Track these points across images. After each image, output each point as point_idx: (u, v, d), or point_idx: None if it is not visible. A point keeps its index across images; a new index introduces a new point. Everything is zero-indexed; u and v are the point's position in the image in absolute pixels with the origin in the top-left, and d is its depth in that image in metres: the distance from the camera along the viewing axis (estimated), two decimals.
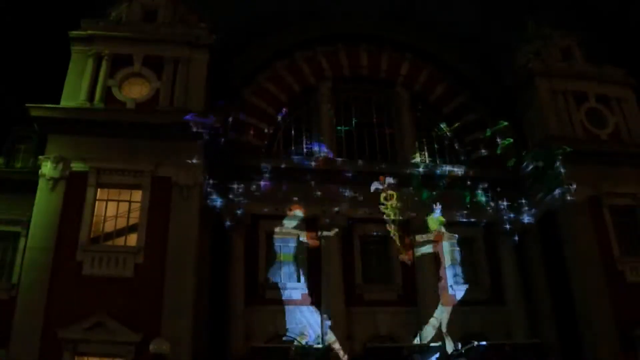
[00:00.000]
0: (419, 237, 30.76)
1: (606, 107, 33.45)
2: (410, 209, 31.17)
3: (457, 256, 31.86)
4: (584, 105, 33.12)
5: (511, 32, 38.82)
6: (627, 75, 34.68)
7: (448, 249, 31.54)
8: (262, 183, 30.64)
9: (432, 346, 27.63)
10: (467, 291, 30.82)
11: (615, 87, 34.00)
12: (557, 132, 31.65)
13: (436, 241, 30.88)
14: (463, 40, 39.36)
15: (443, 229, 31.08)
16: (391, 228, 30.59)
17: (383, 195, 30.91)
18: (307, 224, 30.70)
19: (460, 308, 30.10)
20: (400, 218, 30.71)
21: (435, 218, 30.90)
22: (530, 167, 32.14)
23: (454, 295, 30.54)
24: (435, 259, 30.85)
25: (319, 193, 30.65)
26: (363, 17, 38.75)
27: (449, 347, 27.92)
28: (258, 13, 39.54)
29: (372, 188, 30.90)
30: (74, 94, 28.26)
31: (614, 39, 42.59)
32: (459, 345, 27.86)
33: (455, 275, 31.36)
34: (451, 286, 30.75)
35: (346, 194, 30.77)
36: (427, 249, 30.60)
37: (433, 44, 37.65)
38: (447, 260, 31.26)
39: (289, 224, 30.55)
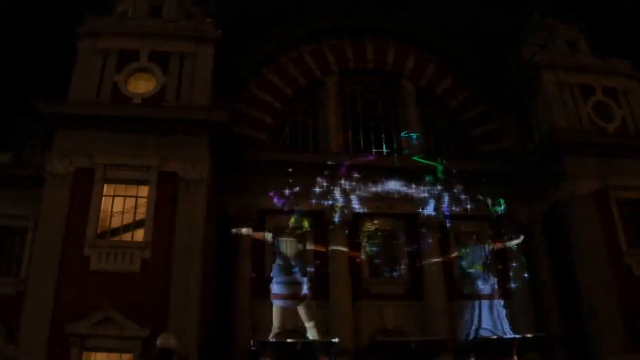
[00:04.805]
0: None
1: (613, 99, 33.26)
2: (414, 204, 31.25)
3: (464, 250, 31.94)
4: (590, 98, 32.92)
5: (517, 24, 38.67)
6: (633, 67, 34.48)
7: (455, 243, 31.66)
8: (268, 177, 30.58)
9: (437, 340, 27.70)
10: (473, 285, 30.90)
11: (622, 80, 33.82)
12: (564, 125, 31.52)
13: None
14: (469, 32, 39.25)
15: None
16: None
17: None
18: (313, 218, 30.75)
19: (466, 302, 30.22)
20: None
21: None
22: (537, 160, 32.05)
23: (461, 290, 30.66)
24: (442, 252, 30.90)
25: (325, 187, 30.67)
26: (368, 9, 38.70)
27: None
28: (263, 6, 39.50)
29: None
30: (81, 89, 28.27)
31: (618, 30, 42.37)
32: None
33: (462, 268, 31.42)
34: (457, 280, 30.83)
35: (352, 189, 30.78)
36: None
37: (439, 37, 37.51)
38: (453, 254, 31.31)
39: (295, 218, 30.67)
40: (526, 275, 31.15)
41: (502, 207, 31.33)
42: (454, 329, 29.33)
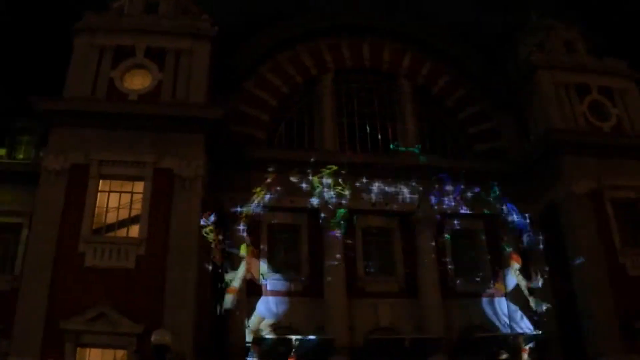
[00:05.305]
0: None
1: (608, 99, 33.30)
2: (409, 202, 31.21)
3: (459, 249, 31.90)
4: (586, 98, 32.96)
5: (516, 24, 38.71)
6: (629, 67, 34.53)
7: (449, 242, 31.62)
8: (264, 175, 30.49)
9: (432, 338, 27.69)
10: (468, 283, 30.87)
11: (618, 79, 33.86)
12: (560, 125, 31.53)
13: None
14: (468, 32, 39.29)
15: None
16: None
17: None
18: (309, 215, 30.70)
19: (461, 300, 30.19)
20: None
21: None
22: (534, 160, 32.03)
23: (455, 288, 30.61)
24: (437, 251, 30.86)
25: (320, 185, 30.59)
26: (368, 9, 38.72)
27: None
28: (262, 5, 39.52)
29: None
30: (77, 85, 28.34)
31: (617, 30, 42.42)
32: None
33: (456, 267, 31.35)
34: (452, 278, 30.79)
35: (347, 186, 30.71)
36: None
37: (438, 36, 37.48)
38: (448, 252, 31.27)
39: (290, 215, 30.61)
40: (521, 274, 31.08)
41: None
42: (449, 327, 29.26)
